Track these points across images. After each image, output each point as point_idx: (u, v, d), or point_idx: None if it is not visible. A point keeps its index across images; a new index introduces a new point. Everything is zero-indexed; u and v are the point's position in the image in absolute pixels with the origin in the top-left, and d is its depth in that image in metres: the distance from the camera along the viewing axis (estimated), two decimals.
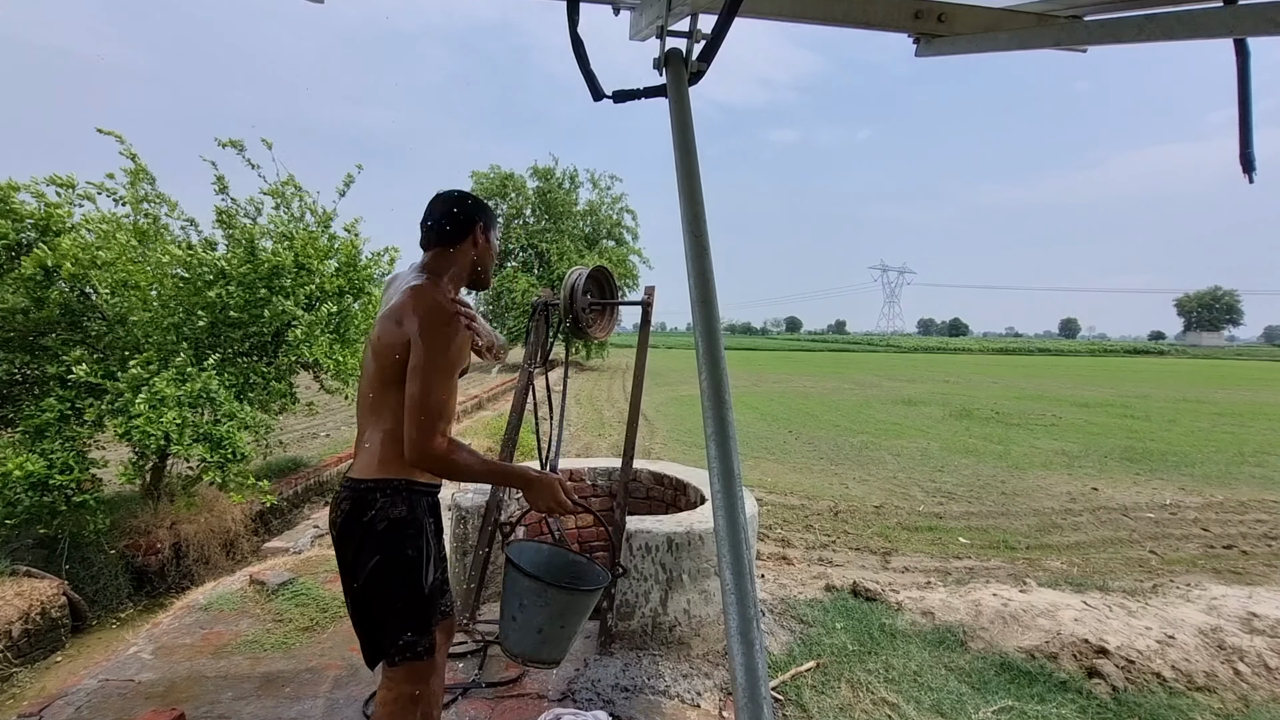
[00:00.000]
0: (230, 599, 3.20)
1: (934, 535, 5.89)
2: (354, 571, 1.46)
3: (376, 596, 1.46)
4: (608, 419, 11.69)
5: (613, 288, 3.05)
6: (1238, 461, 9.29)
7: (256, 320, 5.01)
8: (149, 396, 4.18)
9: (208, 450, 4.39)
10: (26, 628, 3.60)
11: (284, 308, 4.96)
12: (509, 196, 26.20)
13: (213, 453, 4.42)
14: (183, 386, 4.37)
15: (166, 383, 4.30)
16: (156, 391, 4.22)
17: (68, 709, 2.24)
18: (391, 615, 1.46)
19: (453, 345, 1.43)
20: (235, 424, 4.63)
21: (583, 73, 1.67)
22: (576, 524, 3.56)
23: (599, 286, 2.99)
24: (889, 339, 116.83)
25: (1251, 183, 1.55)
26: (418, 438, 1.37)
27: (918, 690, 2.60)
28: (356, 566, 1.45)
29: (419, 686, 1.50)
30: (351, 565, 1.46)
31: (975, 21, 1.87)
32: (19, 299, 4.42)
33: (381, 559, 1.43)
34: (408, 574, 1.45)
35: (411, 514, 1.46)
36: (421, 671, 1.50)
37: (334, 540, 1.51)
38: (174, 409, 4.20)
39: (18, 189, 4.55)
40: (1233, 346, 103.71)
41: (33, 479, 3.85)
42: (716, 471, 1.19)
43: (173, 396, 4.25)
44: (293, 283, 5.14)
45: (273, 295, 4.98)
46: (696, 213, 1.43)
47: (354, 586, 1.48)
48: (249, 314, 4.98)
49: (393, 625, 1.46)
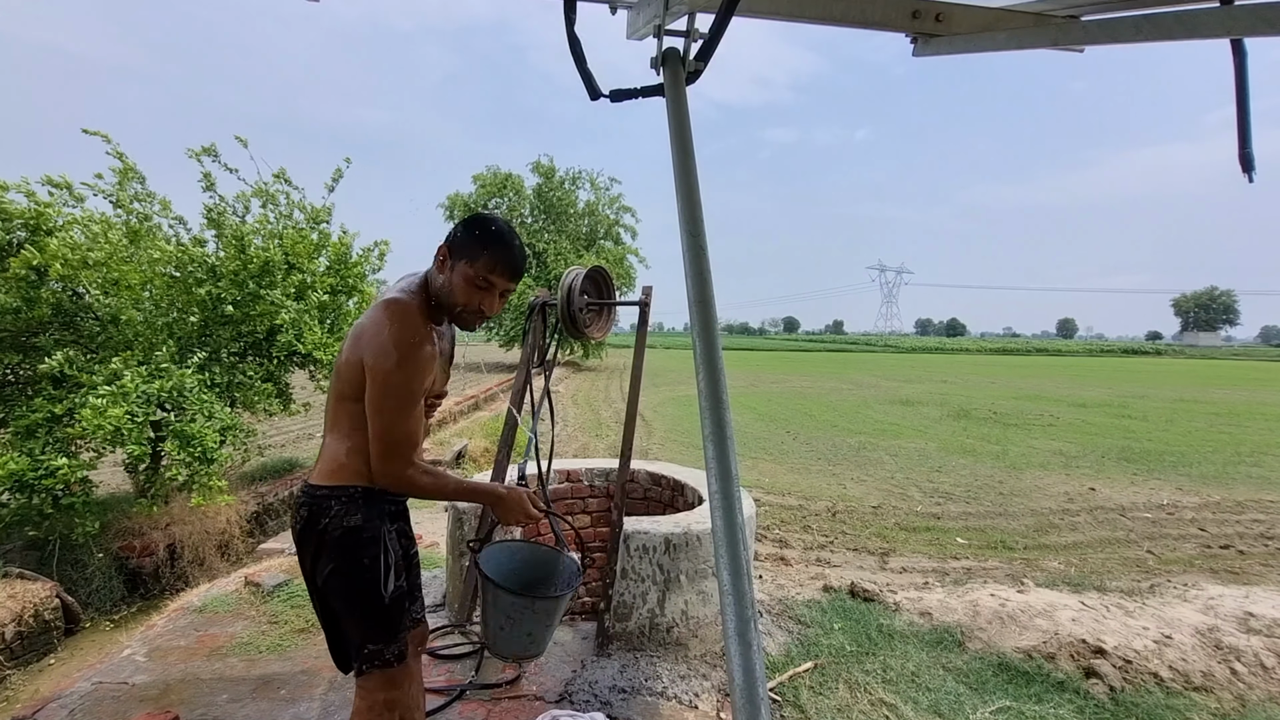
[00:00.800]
0: (225, 601, 3.18)
1: (932, 536, 5.89)
2: (313, 579, 1.45)
3: (337, 605, 1.45)
4: (605, 419, 11.68)
5: (610, 288, 3.05)
6: (1235, 462, 9.33)
7: (249, 318, 4.97)
8: (111, 392, 4.06)
9: (176, 448, 4.31)
10: (19, 630, 3.58)
11: (272, 298, 4.91)
12: (508, 197, 26.27)
13: (180, 450, 4.33)
14: (153, 383, 4.28)
15: (136, 378, 4.22)
16: (121, 386, 4.12)
17: (61, 712, 2.22)
18: (353, 624, 1.44)
19: (405, 377, 1.36)
20: (210, 424, 4.52)
21: (580, 72, 1.66)
22: (574, 525, 3.55)
23: (596, 287, 2.98)
24: (887, 339, 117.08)
25: (1251, 182, 1.55)
26: (383, 469, 1.37)
27: (915, 691, 2.60)
28: (315, 574, 1.43)
29: (392, 693, 1.46)
30: (311, 573, 1.45)
31: (973, 21, 1.86)
32: (10, 299, 4.40)
33: (335, 567, 1.40)
34: (365, 583, 1.41)
35: (368, 522, 1.41)
36: (394, 678, 1.46)
37: (296, 548, 1.48)
38: (128, 405, 4.06)
39: (7, 188, 4.49)
40: (1230, 347, 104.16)
41: (16, 479, 3.79)
42: (714, 472, 1.18)
43: (135, 391, 4.13)
44: (283, 278, 5.11)
45: (261, 289, 4.94)
46: (694, 213, 1.42)
47: (315, 594, 1.48)
48: (241, 311, 4.94)
49: (355, 634, 1.44)
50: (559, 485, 3.50)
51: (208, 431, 4.46)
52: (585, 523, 3.54)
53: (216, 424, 4.61)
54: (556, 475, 3.49)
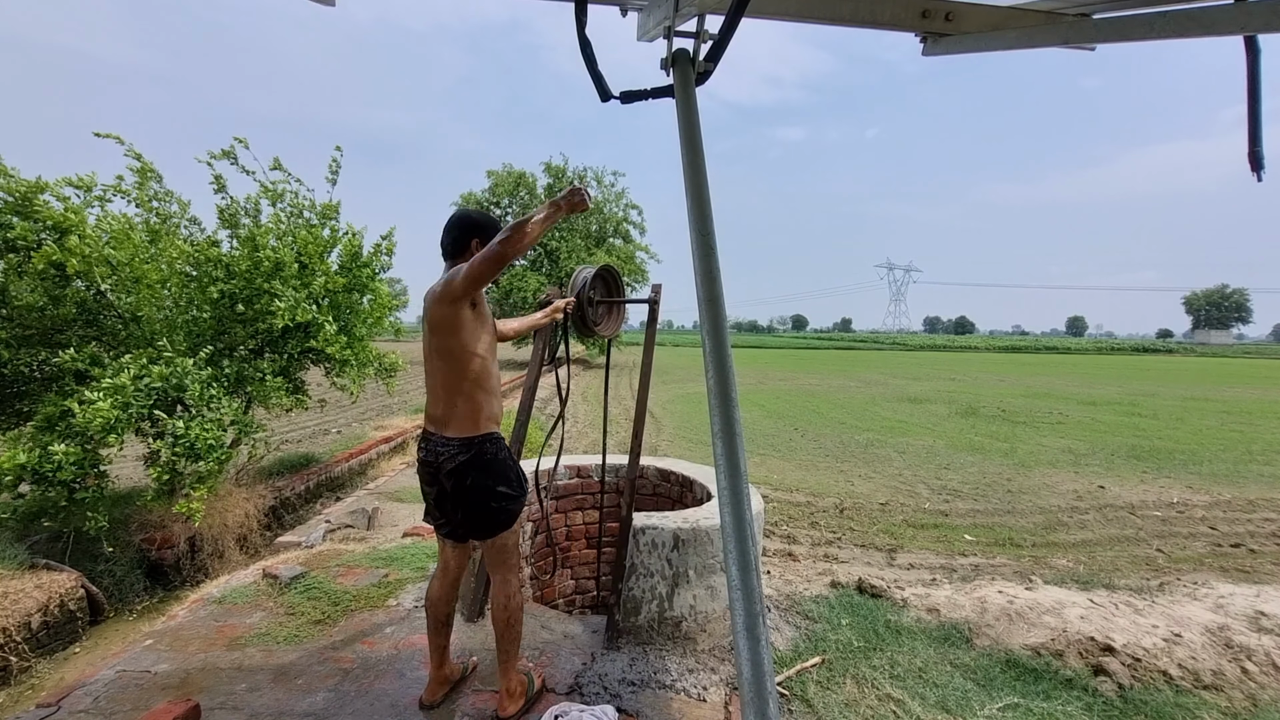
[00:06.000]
0: (243, 592, 3.25)
1: (940, 532, 5.88)
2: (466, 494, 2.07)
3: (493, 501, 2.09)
4: (615, 416, 11.71)
5: (620, 286, 3.07)
6: (1246, 460, 9.22)
7: (262, 315, 5.01)
8: (110, 385, 4.03)
9: (166, 446, 4.24)
10: (45, 620, 3.66)
11: (273, 288, 4.92)
12: (519, 196, 26.37)
13: (170, 449, 4.24)
14: (152, 369, 4.21)
15: (135, 367, 4.17)
16: (119, 379, 4.07)
17: (86, 699, 2.28)
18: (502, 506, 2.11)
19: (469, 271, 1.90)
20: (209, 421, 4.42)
21: (591, 74, 1.68)
22: (584, 520, 3.59)
23: (606, 285, 3.01)
24: (895, 337, 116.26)
25: (1260, 181, 1.54)
26: (497, 255, 1.84)
27: (923, 686, 2.61)
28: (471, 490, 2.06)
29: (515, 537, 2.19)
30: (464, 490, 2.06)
31: (983, 20, 1.87)
32: (36, 297, 4.48)
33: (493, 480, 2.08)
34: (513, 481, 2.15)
35: (502, 450, 2.12)
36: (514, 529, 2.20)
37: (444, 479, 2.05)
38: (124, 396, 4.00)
39: (44, 189, 4.48)
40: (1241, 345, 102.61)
41: (33, 471, 3.82)
42: (723, 468, 1.20)
43: (130, 382, 4.08)
44: (293, 275, 5.14)
45: (268, 284, 4.96)
46: (703, 212, 1.44)
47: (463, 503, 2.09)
48: (252, 309, 4.99)
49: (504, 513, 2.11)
50: (569, 481, 3.53)
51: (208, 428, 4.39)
52: (595, 518, 3.57)
53: (218, 417, 4.53)
54: (567, 471, 3.52)
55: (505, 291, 24.44)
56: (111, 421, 3.93)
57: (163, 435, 4.35)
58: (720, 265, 1.41)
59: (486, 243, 1.93)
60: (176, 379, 4.35)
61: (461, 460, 2.00)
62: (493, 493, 2.05)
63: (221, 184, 5.41)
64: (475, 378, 2.01)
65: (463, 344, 1.97)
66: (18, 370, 4.64)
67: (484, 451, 2.02)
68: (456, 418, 2.01)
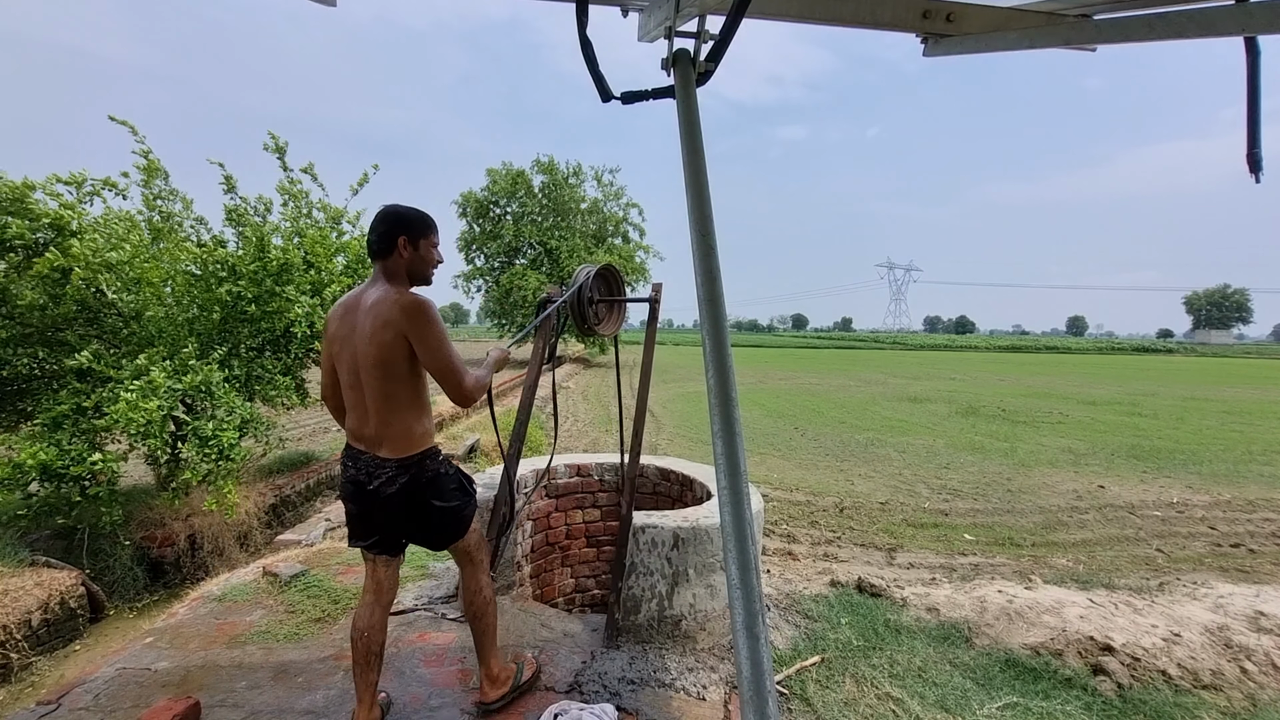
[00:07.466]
0: (244, 590, 3.25)
1: (939, 532, 5.89)
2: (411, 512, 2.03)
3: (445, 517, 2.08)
4: (615, 415, 11.72)
5: (620, 286, 3.08)
6: (1246, 460, 9.23)
7: (268, 315, 5.05)
8: (142, 385, 4.18)
9: (194, 448, 4.38)
10: (46, 617, 3.67)
11: (287, 294, 4.98)
12: (518, 196, 26.29)
13: (199, 450, 4.40)
14: (182, 379, 4.36)
15: (163, 373, 4.30)
16: (151, 380, 4.22)
17: (86, 696, 2.28)
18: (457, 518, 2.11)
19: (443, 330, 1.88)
20: (230, 420, 4.60)
21: (591, 74, 1.68)
22: (584, 519, 3.59)
23: (607, 284, 3.01)
24: (895, 336, 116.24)
25: (1258, 182, 1.54)
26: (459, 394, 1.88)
27: (922, 685, 2.62)
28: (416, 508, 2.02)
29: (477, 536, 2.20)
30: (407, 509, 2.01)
31: (983, 21, 1.87)
32: (37, 296, 4.50)
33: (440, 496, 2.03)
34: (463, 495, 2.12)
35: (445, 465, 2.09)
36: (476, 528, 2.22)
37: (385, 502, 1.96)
38: (159, 399, 4.15)
39: (34, 188, 4.57)
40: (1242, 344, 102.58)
41: (45, 468, 3.90)
42: (723, 467, 1.20)
43: (164, 386, 4.23)
44: (300, 278, 5.19)
45: (278, 287, 5.02)
46: (704, 212, 1.44)
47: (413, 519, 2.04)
48: (259, 309, 5.02)
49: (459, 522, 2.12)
50: (569, 479, 3.54)
51: (226, 430, 4.54)
52: (595, 516, 3.58)
53: (236, 419, 4.67)
54: (567, 470, 3.53)
55: (505, 291, 24.40)
56: (151, 422, 4.04)
57: (185, 437, 4.43)
58: (720, 264, 1.41)
59: (414, 241, 1.91)
60: (206, 386, 4.47)
61: (403, 482, 1.94)
62: (444, 509, 2.02)
63: (232, 184, 5.46)
64: (412, 397, 1.94)
65: (408, 367, 1.90)
66: (17, 370, 4.66)
67: (424, 469, 1.97)
68: (390, 438, 1.92)
